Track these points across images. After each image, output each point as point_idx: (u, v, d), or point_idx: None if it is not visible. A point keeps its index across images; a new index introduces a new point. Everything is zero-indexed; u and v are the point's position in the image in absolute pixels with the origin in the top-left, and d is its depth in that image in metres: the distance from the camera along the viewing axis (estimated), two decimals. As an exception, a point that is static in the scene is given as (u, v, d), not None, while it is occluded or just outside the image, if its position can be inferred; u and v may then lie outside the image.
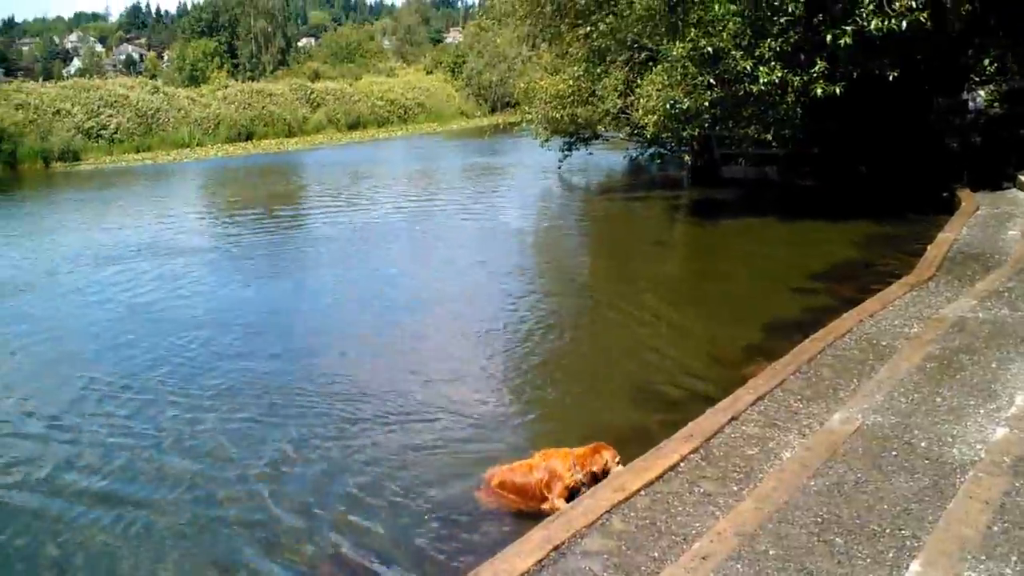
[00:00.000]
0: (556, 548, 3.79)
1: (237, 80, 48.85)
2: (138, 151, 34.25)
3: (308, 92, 45.22)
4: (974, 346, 6.05)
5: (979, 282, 7.93)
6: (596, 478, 4.74)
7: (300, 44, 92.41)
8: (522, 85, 22.05)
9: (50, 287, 11.31)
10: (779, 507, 3.93)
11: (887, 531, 3.64)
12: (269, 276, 11.95)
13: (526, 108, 21.07)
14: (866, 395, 5.28)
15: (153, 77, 59.28)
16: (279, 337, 8.76)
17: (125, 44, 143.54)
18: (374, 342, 8.53)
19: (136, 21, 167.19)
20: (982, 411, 4.87)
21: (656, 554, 3.70)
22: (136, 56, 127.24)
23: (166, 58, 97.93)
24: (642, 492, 4.28)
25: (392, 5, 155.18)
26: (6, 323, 9.59)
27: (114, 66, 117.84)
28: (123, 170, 28.95)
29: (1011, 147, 14.63)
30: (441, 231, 14.93)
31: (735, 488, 4.26)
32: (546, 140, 21.28)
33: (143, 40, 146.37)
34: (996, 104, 14.80)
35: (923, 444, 4.47)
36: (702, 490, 4.27)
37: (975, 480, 3.69)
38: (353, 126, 45.55)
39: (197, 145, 36.24)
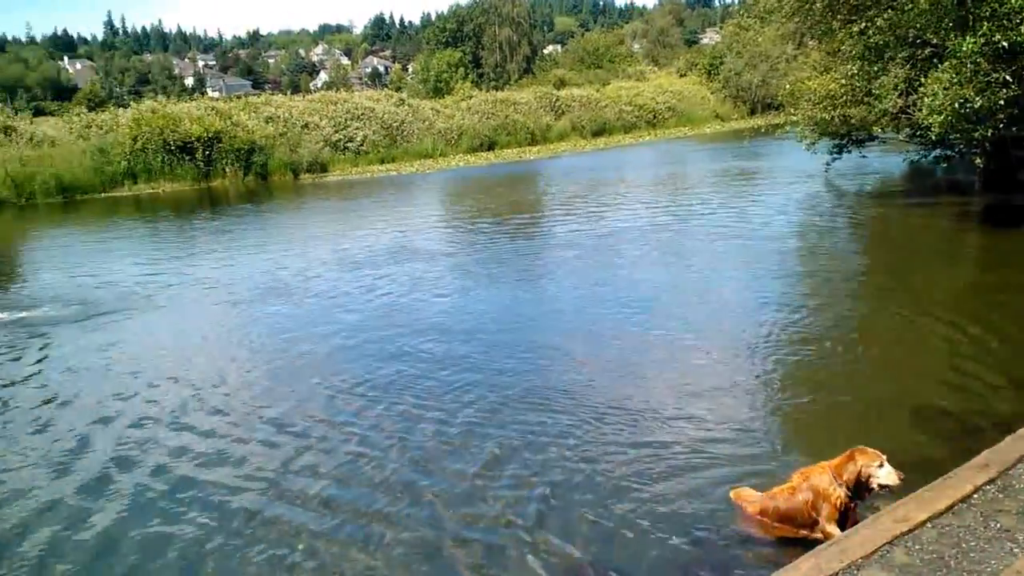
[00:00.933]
0: (828, 580, 3.89)
1: (481, 90, 52.68)
2: (382, 162, 37.37)
3: (553, 100, 47.91)
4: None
5: None
6: (859, 488, 4.77)
7: (546, 51, 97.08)
8: (787, 85, 22.34)
9: (299, 292, 12.75)
10: (1095, 548, 3.87)
11: None
12: (508, 281, 12.85)
13: (791, 110, 21.36)
14: None
15: (398, 89, 65.09)
16: (518, 343, 9.45)
17: (370, 56, 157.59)
18: (621, 350, 8.98)
19: (380, 33, 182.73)
20: None
21: (945, 592, 3.80)
22: (381, 68, 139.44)
23: (410, 69, 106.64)
24: (928, 524, 4.29)
25: (643, 7, 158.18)
26: (258, 325, 10.95)
27: (359, 78, 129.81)
28: (368, 181, 31.59)
29: None
30: (694, 235, 15.53)
31: (1040, 525, 4.20)
32: (813, 143, 21.46)
33: (387, 52, 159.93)
34: None
35: None
36: (999, 525, 4.21)
37: None
38: (598, 133, 47.68)
39: (439, 155, 39.16)
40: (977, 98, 12.57)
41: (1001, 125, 13.60)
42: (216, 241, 18.59)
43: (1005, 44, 11.94)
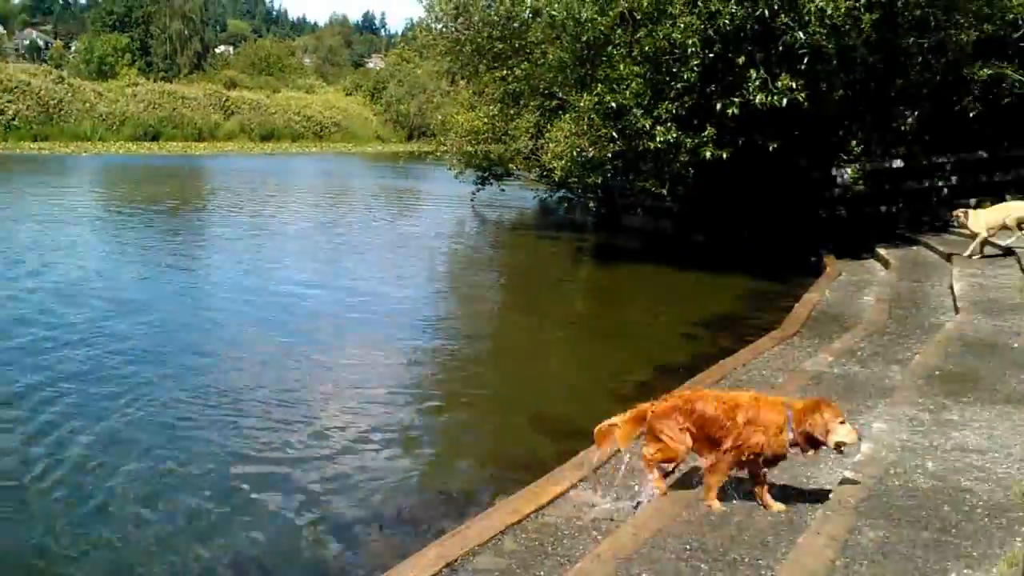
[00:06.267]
0: (448, 565, 3.94)
1: (148, 79, 47.51)
2: (35, 140, 33.25)
3: (223, 99, 44.63)
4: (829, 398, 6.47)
5: (836, 340, 8.41)
6: (814, 441, 4.14)
7: (218, 51, 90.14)
8: (439, 117, 22.44)
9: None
10: (653, 533, 4.13)
11: (746, 560, 3.86)
12: (164, 273, 12.06)
13: (442, 140, 21.44)
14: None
15: (58, 66, 56.51)
16: (173, 340, 8.81)
17: (29, 29, 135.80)
18: (276, 354, 8.55)
19: (41, 6, 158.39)
20: (832, 456, 5.01)
21: (542, 573, 4.01)
22: (41, 43, 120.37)
23: (73, 48, 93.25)
24: (533, 515, 4.54)
25: (315, 24, 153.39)
26: None
27: (16, 50, 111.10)
28: (19, 158, 28.06)
29: (872, 221, 15.81)
30: (353, 244, 15.39)
31: (624, 513, 4.54)
32: (460, 172, 21.75)
33: (48, 27, 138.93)
34: (860, 181, 15.85)
35: (782, 483, 4.70)
36: (589, 517, 4.52)
37: (823, 518, 3.95)
38: (267, 137, 45.23)
39: (99, 140, 35.27)
40: (590, 149, 13.15)
41: (609, 174, 14.44)
42: None
43: (614, 105, 12.55)
